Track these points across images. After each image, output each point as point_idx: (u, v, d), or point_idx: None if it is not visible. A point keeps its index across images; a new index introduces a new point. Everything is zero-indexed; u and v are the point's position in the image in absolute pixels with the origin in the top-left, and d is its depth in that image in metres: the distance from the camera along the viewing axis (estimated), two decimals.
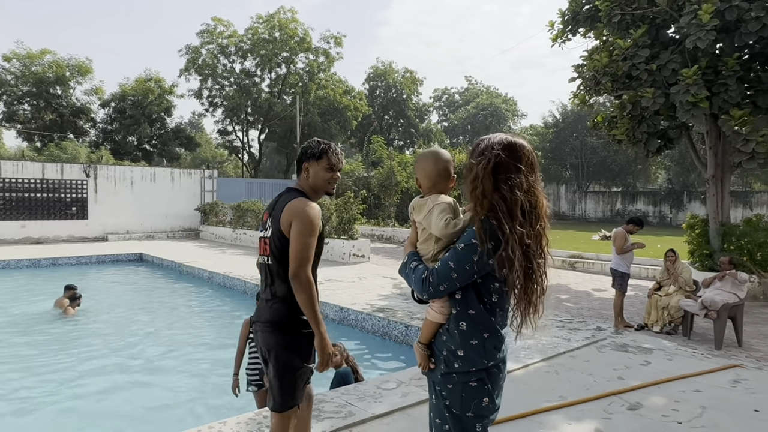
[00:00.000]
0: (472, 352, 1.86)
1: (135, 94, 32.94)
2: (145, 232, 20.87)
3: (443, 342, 1.93)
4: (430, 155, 2.08)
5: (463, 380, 1.88)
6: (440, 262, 1.85)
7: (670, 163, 34.63)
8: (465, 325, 1.86)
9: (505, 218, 1.76)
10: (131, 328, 8.14)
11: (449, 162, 2.07)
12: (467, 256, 1.78)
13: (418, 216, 2.04)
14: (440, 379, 1.93)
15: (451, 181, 2.07)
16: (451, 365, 1.89)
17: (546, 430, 3.64)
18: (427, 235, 1.99)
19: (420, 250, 2.03)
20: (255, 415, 3.75)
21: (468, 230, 1.85)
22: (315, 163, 2.56)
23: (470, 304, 1.86)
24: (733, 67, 7.91)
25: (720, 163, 9.41)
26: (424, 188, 2.09)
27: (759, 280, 8.74)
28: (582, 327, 6.75)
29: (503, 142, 1.85)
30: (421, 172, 2.07)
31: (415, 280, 1.91)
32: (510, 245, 1.74)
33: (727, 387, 4.60)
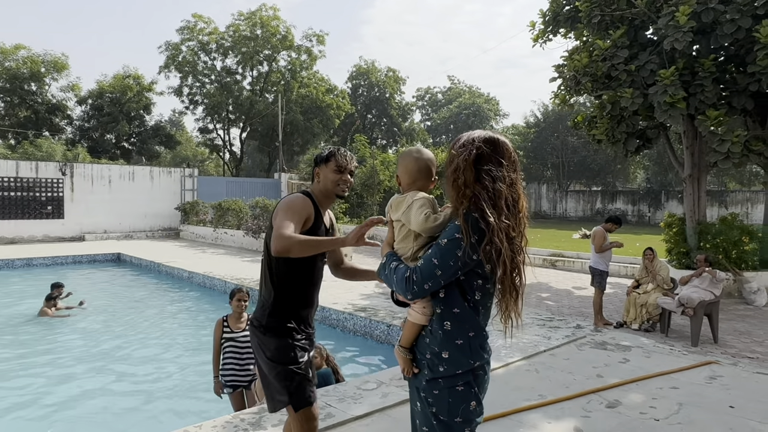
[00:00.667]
0: (458, 353, 1.80)
1: (113, 91, 32.31)
2: (124, 232, 20.51)
3: (426, 345, 1.86)
4: (412, 153, 2.05)
5: (450, 385, 1.81)
6: (423, 260, 1.77)
7: (649, 163, 35.23)
8: (449, 324, 1.80)
9: (488, 209, 1.71)
10: (106, 329, 7.97)
11: (431, 161, 2.04)
12: (451, 252, 1.72)
13: (395, 214, 1.98)
14: (425, 386, 1.85)
15: (431, 181, 2.04)
16: (436, 369, 1.82)
17: (526, 430, 3.65)
18: (405, 232, 1.94)
19: (398, 249, 1.97)
20: (232, 417, 3.68)
21: (450, 225, 1.79)
22: (324, 166, 2.54)
23: (454, 302, 1.80)
24: (709, 69, 8.05)
25: (696, 162, 9.57)
26: (403, 186, 2.04)
27: (734, 278, 8.91)
28: (562, 325, 6.80)
29: (485, 136, 1.84)
30: (402, 169, 2.04)
31: (397, 281, 1.82)
32: (496, 236, 1.70)
33: (704, 383, 4.67)
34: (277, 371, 2.46)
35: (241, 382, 4.41)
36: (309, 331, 2.62)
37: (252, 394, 4.42)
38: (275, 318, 2.49)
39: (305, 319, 2.59)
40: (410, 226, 1.90)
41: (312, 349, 2.66)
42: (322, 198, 2.57)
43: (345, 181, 2.54)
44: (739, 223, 9.46)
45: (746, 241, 9.20)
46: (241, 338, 4.42)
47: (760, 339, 6.39)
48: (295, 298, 2.53)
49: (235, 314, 4.51)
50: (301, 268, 2.51)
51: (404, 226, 1.95)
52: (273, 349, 2.46)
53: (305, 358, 2.51)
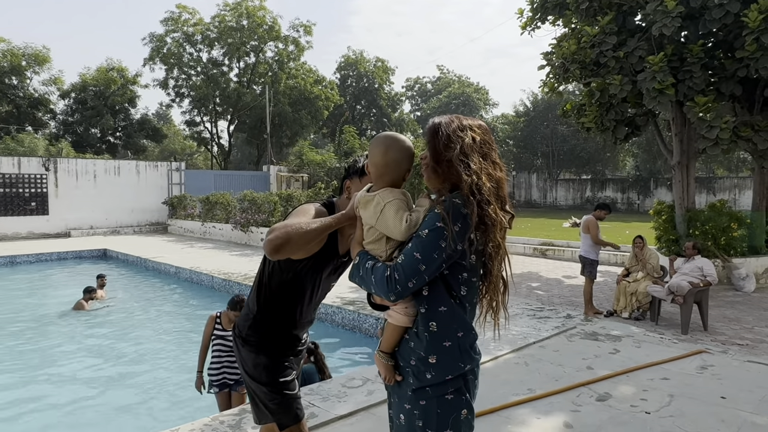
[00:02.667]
0: (447, 357, 1.62)
1: (96, 84, 31.75)
2: (110, 227, 20.22)
3: (410, 349, 1.67)
4: (383, 141, 1.77)
5: (438, 394, 1.63)
6: (403, 255, 1.58)
7: (638, 151, 35.30)
8: (435, 325, 1.62)
9: (491, 198, 1.60)
10: (92, 325, 7.81)
11: (407, 151, 1.76)
12: (434, 243, 1.54)
13: (363, 213, 1.76)
14: (411, 396, 1.65)
15: (406, 173, 1.78)
16: (423, 377, 1.63)
17: (514, 426, 3.56)
18: (377, 235, 1.72)
19: (371, 250, 1.73)
20: (211, 420, 3.56)
21: (429, 215, 1.61)
22: (358, 180, 2.14)
23: (440, 300, 1.62)
24: (698, 55, 7.96)
25: (685, 149, 9.52)
26: (372, 177, 1.78)
27: (723, 265, 8.90)
28: (552, 315, 6.74)
29: (479, 122, 1.72)
30: (372, 159, 1.77)
31: (377, 282, 1.62)
32: (497, 228, 1.60)
33: (694, 374, 4.61)
34: (258, 388, 2.28)
35: (228, 381, 4.30)
36: (298, 347, 2.38)
37: (239, 396, 4.32)
38: (257, 333, 2.26)
39: (293, 337, 2.33)
40: (390, 235, 1.68)
41: (299, 362, 2.45)
42: None
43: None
44: (727, 210, 9.44)
45: (735, 228, 9.19)
46: (230, 338, 4.30)
47: (749, 325, 6.37)
48: (283, 317, 2.26)
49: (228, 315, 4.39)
50: (300, 282, 2.19)
51: (373, 229, 1.73)
52: (251, 366, 2.27)
53: (290, 376, 2.29)
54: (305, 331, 2.44)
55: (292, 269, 2.16)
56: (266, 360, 2.25)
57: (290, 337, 2.32)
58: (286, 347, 2.31)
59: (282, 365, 2.28)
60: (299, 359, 2.45)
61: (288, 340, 2.31)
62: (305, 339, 2.47)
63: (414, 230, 1.64)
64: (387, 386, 1.81)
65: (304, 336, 2.46)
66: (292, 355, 2.35)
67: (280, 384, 2.26)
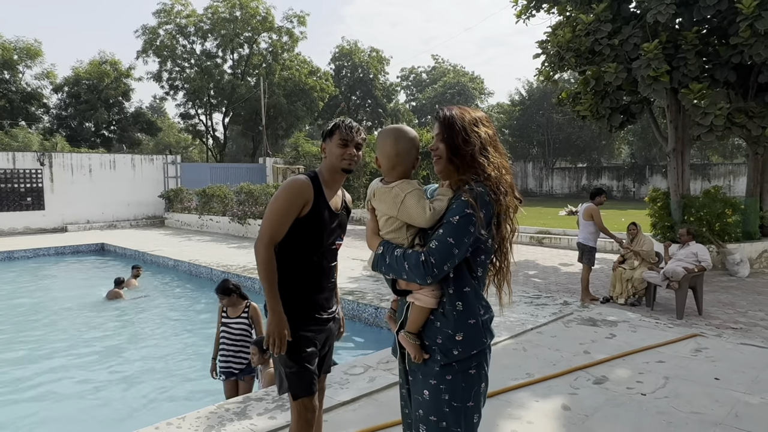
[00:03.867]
0: (471, 333, 1.76)
1: (90, 78, 31.52)
2: (107, 221, 20.18)
3: (437, 329, 1.78)
4: (392, 132, 1.89)
5: (463, 368, 1.77)
6: (436, 241, 1.69)
7: (633, 138, 35.40)
8: (461, 305, 1.76)
9: (508, 189, 1.79)
10: (91, 318, 7.86)
11: (414, 140, 1.88)
12: (464, 228, 1.68)
13: (382, 206, 1.85)
14: (438, 372, 1.77)
15: (415, 162, 1.89)
16: (450, 354, 1.76)
17: (513, 409, 3.64)
18: (397, 224, 1.82)
19: (391, 240, 1.84)
20: (216, 408, 3.62)
21: (456, 201, 1.73)
22: (329, 140, 2.39)
23: (464, 281, 1.76)
24: (692, 41, 7.99)
25: (680, 136, 9.58)
26: (384, 169, 1.89)
27: (717, 250, 9.00)
28: (549, 302, 6.82)
29: (480, 112, 1.87)
30: (382, 151, 1.88)
31: (411, 267, 1.71)
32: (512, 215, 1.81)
33: (689, 356, 4.70)
34: (279, 355, 2.39)
35: (233, 370, 4.37)
36: (324, 317, 2.46)
37: (245, 385, 4.40)
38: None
39: (316, 304, 2.43)
40: (413, 224, 1.79)
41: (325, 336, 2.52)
42: (329, 176, 2.42)
43: (351, 155, 2.36)
44: (722, 196, 9.52)
45: (729, 214, 9.27)
46: (233, 324, 4.38)
47: (743, 309, 6.46)
48: (301, 280, 2.39)
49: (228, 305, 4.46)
50: (309, 239, 2.37)
51: (393, 218, 1.83)
52: None
53: (309, 348, 2.38)
54: (330, 300, 2.52)
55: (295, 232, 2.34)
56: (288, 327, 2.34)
57: (312, 303, 2.42)
58: (308, 315, 2.39)
59: (303, 335, 2.37)
60: (324, 334, 2.50)
61: (310, 307, 2.40)
62: (333, 311, 2.54)
63: (438, 218, 1.76)
64: (408, 365, 1.89)
65: (332, 307, 2.53)
66: (315, 325, 2.42)
67: (299, 353, 2.36)
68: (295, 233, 2.33)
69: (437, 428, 1.77)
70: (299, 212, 2.31)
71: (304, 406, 2.38)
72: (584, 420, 3.47)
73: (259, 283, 9.18)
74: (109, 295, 8.93)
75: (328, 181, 2.43)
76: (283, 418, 3.43)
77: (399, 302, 1.97)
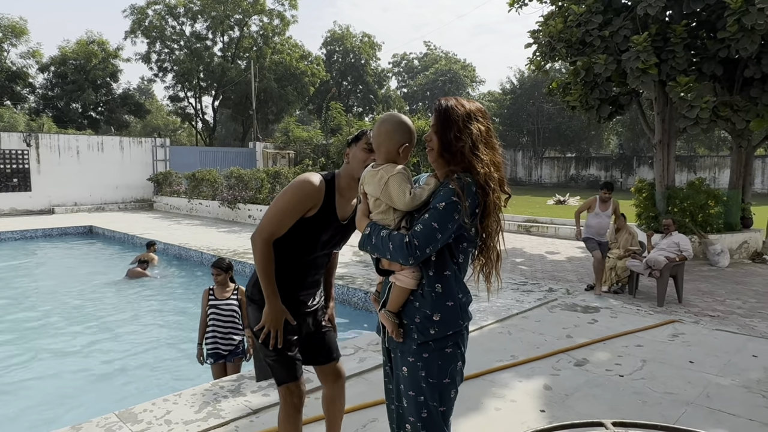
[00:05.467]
0: (449, 314, 1.86)
1: (77, 58, 31.02)
2: (95, 204, 20.06)
3: (416, 309, 1.88)
4: (389, 121, 1.97)
5: (440, 347, 1.87)
6: (420, 224, 1.77)
7: (622, 129, 35.70)
8: (440, 287, 1.85)
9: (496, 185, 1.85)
10: (85, 301, 7.90)
11: (401, 125, 1.96)
12: (449, 214, 1.76)
13: (369, 188, 1.94)
14: (415, 350, 1.88)
15: (403, 147, 1.96)
16: (427, 332, 1.86)
17: (498, 388, 3.79)
18: (384, 207, 1.91)
19: (379, 221, 1.92)
20: (211, 386, 3.73)
21: (443, 189, 1.81)
22: (354, 146, 2.36)
23: (445, 265, 1.85)
24: (681, 35, 8.11)
25: (667, 128, 9.74)
26: (379, 156, 1.98)
27: (699, 240, 9.23)
28: (535, 289, 6.99)
29: (477, 104, 1.92)
30: (377, 139, 1.96)
31: (395, 248, 1.79)
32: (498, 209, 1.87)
33: (666, 341, 4.89)
34: (259, 344, 2.44)
35: (222, 352, 4.46)
36: (304, 310, 2.50)
37: (234, 366, 4.48)
38: (258, 289, 2.42)
39: (297, 300, 2.46)
40: (394, 206, 1.88)
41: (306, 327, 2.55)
42: (346, 182, 2.37)
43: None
44: (705, 188, 9.73)
45: (712, 205, 9.49)
46: (223, 306, 4.45)
47: (721, 298, 6.68)
48: (283, 277, 2.39)
49: (219, 284, 4.52)
50: (299, 241, 2.37)
51: (379, 200, 1.92)
52: (251, 320, 2.45)
53: (287, 336, 2.40)
54: (312, 296, 2.56)
55: (293, 230, 2.33)
56: (258, 313, 2.40)
57: (293, 299, 2.45)
58: (289, 309, 2.42)
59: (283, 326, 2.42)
60: (305, 324, 2.54)
61: (291, 302, 2.43)
62: (315, 304, 2.58)
63: (417, 204, 1.86)
64: (389, 344, 2.00)
65: (313, 301, 2.57)
66: (295, 318, 2.46)
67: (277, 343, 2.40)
68: (292, 232, 2.34)
69: (416, 402, 1.89)
70: (304, 214, 2.31)
71: (289, 391, 2.44)
72: (564, 399, 3.63)
73: (249, 267, 9.24)
74: (130, 274, 9.19)
75: (343, 187, 2.39)
76: (275, 395, 3.55)
77: (383, 283, 2.06)
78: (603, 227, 7.02)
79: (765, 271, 8.51)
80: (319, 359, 2.62)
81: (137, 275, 9.11)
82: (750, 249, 9.67)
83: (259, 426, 3.21)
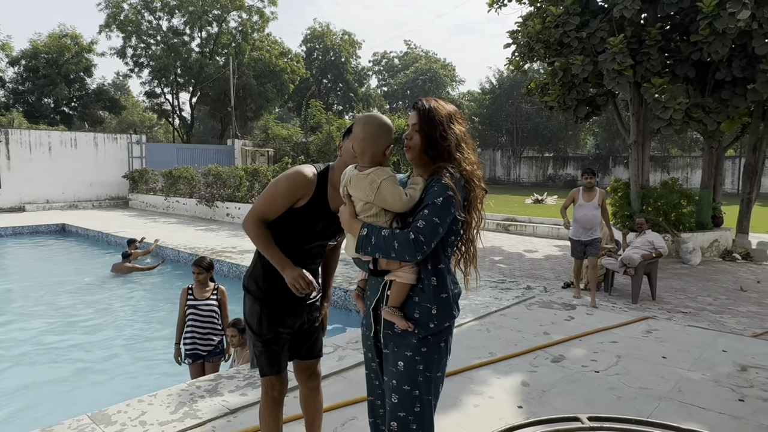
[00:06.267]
0: (444, 306, 1.91)
1: (49, 52, 30.20)
2: (68, 202, 19.60)
3: (415, 304, 1.92)
4: (363, 119, 1.99)
5: (437, 341, 1.93)
6: (422, 220, 1.81)
7: (598, 130, 36.31)
8: (435, 280, 1.90)
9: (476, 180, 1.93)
10: (56, 300, 7.71)
11: (384, 126, 1.97)
12: (447, 209, 1.82)
13: (356, 191, 1.94)
14: (415, 344, 1.92)
15: (386, 149, 1.98)
16: (427, 327, 1.91)
17: (476, 385, 3.82)
18: (376, 210, 1.92)
19: (371, 223, 1.93)
20: (188, 386, 3.68)
21: (436, 185, 1.85)
22: (348, 138, 2.33)
23: (438, 258, 1.90)
24: (656, 37, 8.28)
25: (641, 129, 9.93)
26: (359, 155, 1.97)
27: (672, 239, 9.44)
28: (513, 287, 7.06)
29: (452, 106, 2.00)
30: (358, 138, 1.96)
31: (401, 245, 1.81)
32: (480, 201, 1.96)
33: (640, 337, 4.99)
34: (249, 333, 2.48)
35: (201, 352, 4.40)
36: (300, 304, 2.47)
37: (212, 367, 4.42)
38: (254, 282, 2.45)
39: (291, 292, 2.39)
40: (389, 209, 1.90)
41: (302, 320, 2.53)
42: (339, 168, 2.32)
43: None
44: (678, 188, 9.95)
45: (684, 204, 9.72)
46: (202, 306, 4.39)
47: (693, 295, 6.84)
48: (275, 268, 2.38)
49: (198, 284, 4.46)
50: (292, 232, 2.37)
51: (370, 204, 1.92)
52: (247, 312, 2.48)
53: (279, 328, 2.42)
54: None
55: (286, 220, 2.35)
56: (259, 309, 2.42)
57: (288, 290, 2.40)
58: (284, 301, 2.42)
59: (275, 318, 2.43)
60: (300, 318, 2.51)
61: (287, 293, 2.38)
62: (312, 298, 2.55)
63: (412, 204, 1.90)
64: (384, 340, 2.00)
65: (312, 294, 2.51)
66: (290, 310, 2.46)
67: (266, 335, 2.43)
68: (284, 221, 2.35)
69: (410, 396, 1.91)
70: (294, 203, 2.31)
71: (270, 383, 2.47)
72: (541, 395, 3.68)
73: (228, 266, 9.11)
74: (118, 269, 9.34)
75: (337, 180, 2.31)
76: (254, 394, 3.52)
77: (370, 282, 2.07)
78: (589, 220, 6.37)
79: (735, 268, 8.75)
80: (301, 353, 2.61)
81: (126, 270, 9.28)
82: (720, 247, 9.93)
83: (236, 426, 3.18)
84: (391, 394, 1.95)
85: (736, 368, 4.20)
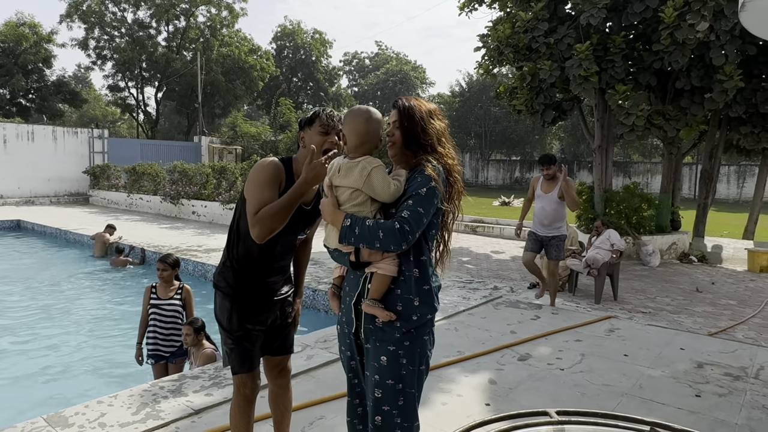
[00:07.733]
0: (426, 298, 1.92)
1: (5, 41, 28.99)
2: (24, 197, 18.84)
3: (397, 296, 1.90)
4: (363, 112, 1.98)
5: (420, 334, 1.93)
6: (407, 210, 1.81)
7: (564, 134, 37.21)
8: (417, 271, 1.91)
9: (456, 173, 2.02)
10: (9, 299, 7.39)
11: (381, 123, 2.00)
12: (431, 199, 1.84)
13: (345, 180, 1.92)
14: (398, 338, 1.90)
15: (379, 143, 2.00)
16: (410, 319, 1.90)
17: (444, 383, 3.84)
18: (362, 198, 1.91)
19: (355, 213, 1.91)
20: (150, 386, 3.57)
21: (419, 176, 1.88)
22: (308, 129, 2.28)
23: (420, 250, 1.91)
24: (620, 45, 8.52)
25: (605, 134, 10.21)
26: (350, 146, 1.97)
27: (633, 241, 9.74)
28: (481, 287, 7.15)
29: (432, 104, 2.05)
30: (351, 129, 1.96)
31: (386, 235, 1.79)
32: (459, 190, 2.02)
33: (603, 336, 5.12)
34: (221, 330, 2.44)
35: (163, 353, 4.29)
36: (273, 298, 2.45)
37: (176, 367, 4.32)
38: (225, 279, 2.40)
39: (264, 286, 2.42)
40: (376, 197, 1.90)
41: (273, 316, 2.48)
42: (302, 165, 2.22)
43: (332, 143, 2.23)
44: (639, 192, 10.28)
45: (645, 208, 10.03)
46: (165, 306, 4.28)
47: (652, 296, 7.07)
48: (249, 263, 2.37)
49: (163, 282, 4.34)
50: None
51: (358, 192, 1.91)
52: (218, 308, 2.43)
53: (250, 325, 2.38)
54: (281, 284, 2.49)
55: None
56: (230, 305, 2.37)
57: (260, 285, 2.39)
58: (255, 296, 2.39)
59: (245, 315, 2.38)
60: (272, 315, 2.47)
61: (257, 288, 2.37)
62: (284, 293, 2.51)
63: (397, 195, 1.91)
64: (365, 335, 1.97)
65: (283, 289, 2.51)
66: (261, 306, 2.41)
67: (237, 332, 2.38)
68: None
69: (394, 390, 1.89)
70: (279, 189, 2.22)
71: (242, 381, 2.42)
72: (508, 392, 3.73)
73: (193, 265, 8.90)
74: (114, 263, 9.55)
75: (300, 171, 2.24)
76: (219, 395, 3.44)
77: (348, 278, 2.05)
78: (547, 214, 5.70)
79: (691, 270, 9.09)
80: (273, 348, 2.56)
81: (122, 264, 9.45)
82: (678, 250, 10.30)
83: (201, 426, 3.10)
84: (374, 389, 1.92)
85: (693, 365, 4.36)
